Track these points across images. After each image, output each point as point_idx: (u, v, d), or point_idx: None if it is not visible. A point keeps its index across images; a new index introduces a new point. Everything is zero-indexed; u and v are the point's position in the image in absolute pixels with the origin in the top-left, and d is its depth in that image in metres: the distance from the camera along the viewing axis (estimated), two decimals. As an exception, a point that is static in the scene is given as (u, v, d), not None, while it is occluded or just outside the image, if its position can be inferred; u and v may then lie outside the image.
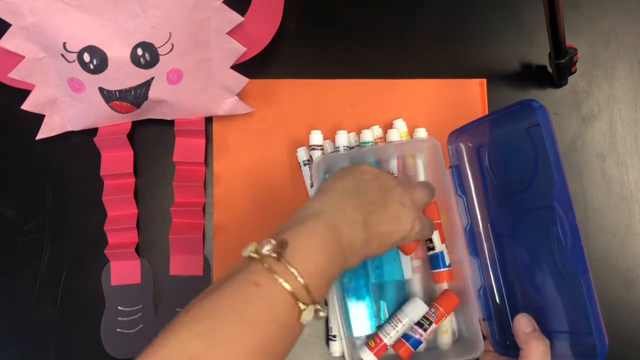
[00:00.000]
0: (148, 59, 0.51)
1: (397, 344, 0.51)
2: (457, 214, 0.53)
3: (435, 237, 0.53)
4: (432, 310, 0.51)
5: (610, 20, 0.61)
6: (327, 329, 0.55)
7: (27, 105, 0.54)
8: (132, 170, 0.56)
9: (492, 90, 0.60)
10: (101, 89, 0.52)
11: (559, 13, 0.51)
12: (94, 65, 0.50)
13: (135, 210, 0.57)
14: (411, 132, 0.57)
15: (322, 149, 0.56)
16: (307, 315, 0.36)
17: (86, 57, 0.50)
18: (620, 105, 0.60)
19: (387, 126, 0.58)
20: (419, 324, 0.51)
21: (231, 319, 0.34)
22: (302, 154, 0.57)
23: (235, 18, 0.52)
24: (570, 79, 0.59)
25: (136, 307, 0.56)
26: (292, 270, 0.36)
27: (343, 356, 0.54)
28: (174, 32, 0.51)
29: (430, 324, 0.51)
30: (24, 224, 0.57)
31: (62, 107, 0.55)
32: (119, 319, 0.55)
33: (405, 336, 0.51)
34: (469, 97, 0.60)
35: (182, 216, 0.56)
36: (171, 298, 0.56)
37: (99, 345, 0.55)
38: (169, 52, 0.51)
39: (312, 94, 0.59)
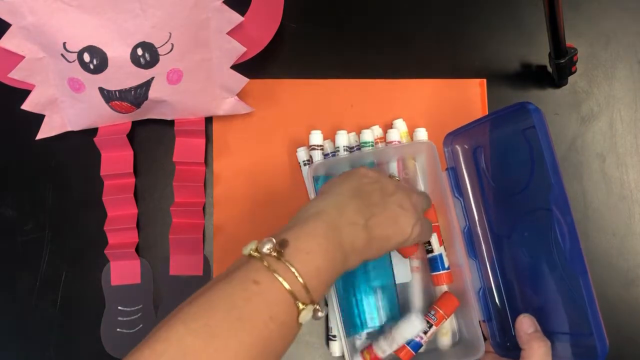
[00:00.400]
0: (148, 59, 0.51)
1: (398, 350, 0.51)
2: (455, 216, 0.52)
3: (434, 239, 0.53)
4: (432, 312, 0.51)
5: (610, 20, 0.61)
6: (327, 329, 0.55)
7: (27, 105, 0.54)
8: (132, 170, 0.56)
9: (492, 90, 0.60)
10: (101, 89, 0.52)
11: (559, 13, 0.51)
12: (94, 65, 0.50)
13: (135, 210, 0.57)
14: (411, 132, 0.57)
15: (322, 149, 0.56)
16: (306, 315, 0.36)
17: (86, 57, 0.50)
18: (620, 105, 0.60)
19: (387, 126, 0.58)
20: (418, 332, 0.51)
21: (229, 315, 0.34)
22: (302, 154, 0.57)
23: (235, 18, 0.52)
24: (570, 79, 0.59)
25: (136, 307, 0.56)
26: (292, 269, 0.36)
27: (343, 356, 0.54)
28: (174, 32, 0.51)
29: (430, 327, 0.51)
30: (24, 224, 0.57)
31: (62, 107, 0.55)
32: (119, 319, 0.55)
33: (406, 341, 0.51)
34: (469, 97, 0.60)
35: (182, 216, 0.56)
36: (171, 298, 0.56)
37: (99, 345, 0.55)
38: (169, 52, 0.51)
39: (312, 94, 0.59)
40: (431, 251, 0.53)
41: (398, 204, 0.43)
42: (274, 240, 0.37)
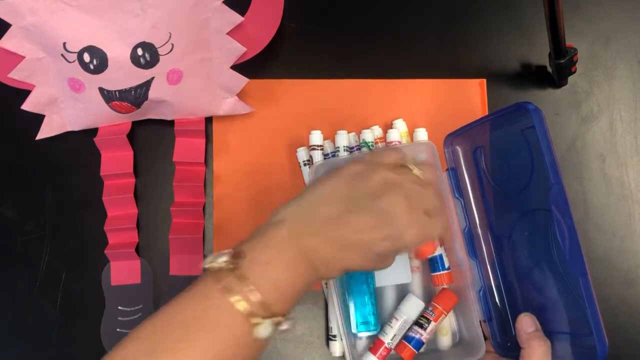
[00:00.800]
0: (148, 59, 0.51)
1: (399, 346, 0.51)
2: (455, 217, 0.53)
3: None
4: (430, 309, 0.51)
5: (610, 21, 0.61)
6: (327, 329, 0.55)
7: (27, 105, 0.54)
8: (132, 170, 0.56)
9: (492, 90, 0.60)
10: (101, 89, 0.52)
11: (559, 13, 0.51)
12: (94, 66, 0.50)
13: (135, 210, 0.57)
14: (411, 132, 0.57)
15: (322, 149, 0.56)
16: (263, 329, 0.35)
17: (86, 57, 0.50)
18: (620, 105, 0.60)
19: (387, 126, 0.58)
20: (418, 324, 0.51)
21: (175, 333, 0.34)
22: (302, 154, 0.57)
23: (235, 18, 0.52)
24: (570, 79, 0.59)
25: (136, 307, 0.56)
26: (246, 283, 0.35)
27: (343, 356, 0.54)
28: (174, 32, 0.51)
29: (429, 323, 0.51)
30: (24, 224, 0.57)
31: (62, 107, 0.55)
32: (119, 319, 0.55)
33: (407, 338, 0.51)
34: (469, 97, 0.60)
35: (182, 216, 0.56)
36: (171, 298, 0.56)
37: (99, 345, 0.55)
38: (169, 52, 0.51)
39: (312, 94, 0.59)
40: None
41: (386, 207, 0.39)
42: (229, 252, 0.36)
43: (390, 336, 0.51)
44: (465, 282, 0.51)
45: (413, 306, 0.52)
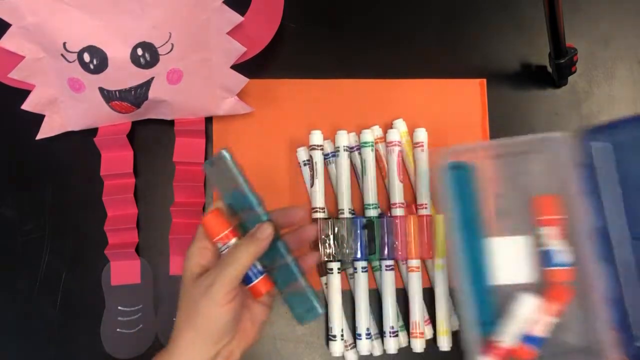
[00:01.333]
0: (148, 59, 0.51)
1: (517, 348, 0.49)
2: (585, 215, 0.49)
3: (552, 232, 0.50)
4: (545, 305, 0.49)
5: (610, 21, 0.62)
6: (327, 329, 0.55)
7: (27, 105, 0.54)
8: (132, 170, 0.56)
9: (492, 90, 0.60)
10: (101, 89, 0.52)
11: (559, 13, 0.51)
12: (94, 65, 0.50)
13: (135, 210, 0.57)
14: (411, 132, 0.58)
15: (322, 149, 0.56)
16: None
17: (86, 57, 0.50)
18: (620, 105, 0.60)
19: (387, 126, 0.58)
20: (534, 321, 0.49)
21: None
22: (302, 154, 0.57)
23: (235, 18, 0.52)
24: (570, 79, 0.59)
25: (136, 307, 0.56)
26: None
27: (343, 356, 0.54)
28: (174, 32, 0.51)
29: (545, 320, 0.49)
30: (24, 224, 0.57)
31: (62, 107, 0.55)
32: (119, 319, 0.55)
33: (524, 337, 0.49)
34: (469, 97, 0.60)
35: (182, 216, 0.56)
36: (171, 298, 0.56)
37: (99, 345, 0.55)
38: (169, 52, 0.51)
39: (312, 94, 0.59)
40: (548, 244, 0.50)
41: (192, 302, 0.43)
42: None
43: (507, 336, 0.49)
44: (594, 286, 0.47)
45: (527, 304, 0.49)
